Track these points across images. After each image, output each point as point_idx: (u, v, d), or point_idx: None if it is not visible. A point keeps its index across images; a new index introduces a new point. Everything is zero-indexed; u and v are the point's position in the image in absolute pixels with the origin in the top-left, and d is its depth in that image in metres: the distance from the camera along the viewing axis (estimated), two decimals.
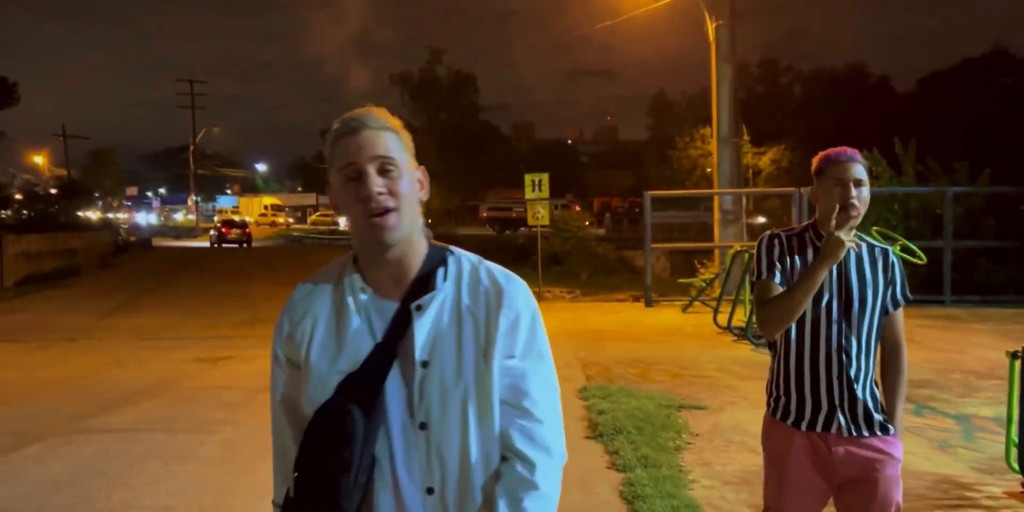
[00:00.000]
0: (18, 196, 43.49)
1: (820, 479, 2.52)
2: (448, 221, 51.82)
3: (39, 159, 62.80)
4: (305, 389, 1.60)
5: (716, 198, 15.36)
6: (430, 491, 1.55)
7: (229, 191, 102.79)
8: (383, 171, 1.56)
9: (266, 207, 72.64)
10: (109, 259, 33.28)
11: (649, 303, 14.40)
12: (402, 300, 1.59)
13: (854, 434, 2.50)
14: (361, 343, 1.57)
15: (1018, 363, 4.26)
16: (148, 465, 5.64)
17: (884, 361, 2.62)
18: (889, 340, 2.62)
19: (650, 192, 15.02)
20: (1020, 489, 4.47)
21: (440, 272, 1.62)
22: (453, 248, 1.69)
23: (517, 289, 1.64)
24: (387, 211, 1.54)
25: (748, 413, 6.34)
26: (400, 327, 1.57)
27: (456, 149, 56.09)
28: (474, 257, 1.69)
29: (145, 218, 69.96)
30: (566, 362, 8.69)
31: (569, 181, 66.99)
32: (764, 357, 2.66)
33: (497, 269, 1.67)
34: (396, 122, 1.63)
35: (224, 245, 40.22)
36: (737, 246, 12.89)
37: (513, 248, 27.88)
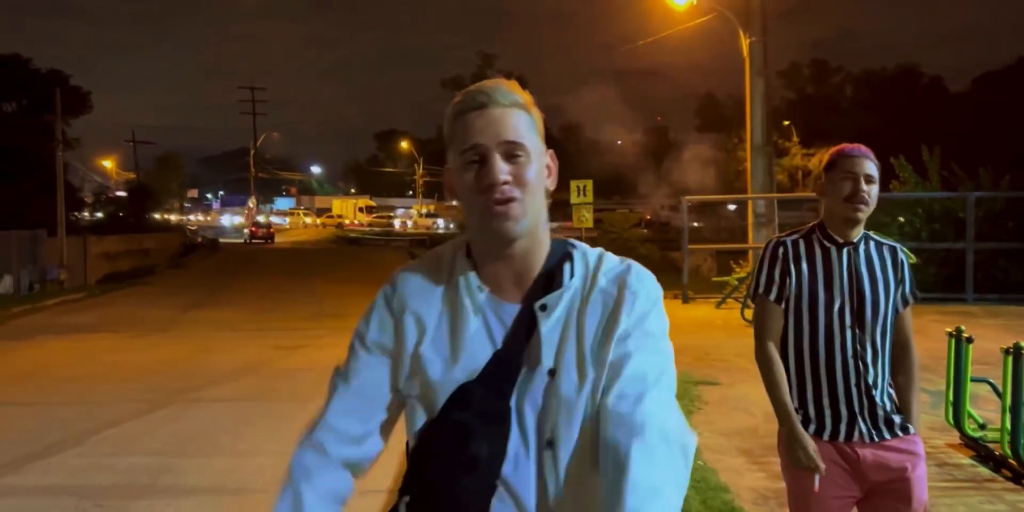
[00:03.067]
0: (88, 199, 45.92)
1: (852, 483, 2.50)
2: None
3: (107, 163, 65.34)
4: (412, 395, 1.43)
5: (750, 203, 16.41)
6: None
7: (285, 193, 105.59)
8: (510, 157, 1.37)
9: (361, 209, 73.79)
10: (178, 259, 35.14)
11: (686, 300, 15.46)
12: (524, 300, 1.41)
13: (876, 440, 2.49)
14: (479, 349, 1.39)
15: (954, 342, 5.35)
16: (260, 424, 6.96)
17: (895, 360, 2.59)
18: (899, 339, 2.59)
19: (687, 197, 16.22)
20: (959, 442, 5.56)
21: (567, 268, 1.44)
22: (574, 241, 1.51)
23: (642, 283, 1.44)
24: (510, 201, 1.35)
25: (755, 389, 7.44)
26: (523, 331, 1.39)
27: None
28: (596, 250, 1.51)
29: (230, 220, 72.97)
30: None
31: (618, 183, 67.72)
32: None
33: (617, 261, 1.48)
34: (528, 98, 1.43)
35: (254, 241, 50.79)
36: None
37: None
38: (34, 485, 5.41)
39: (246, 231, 55.15)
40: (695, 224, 49.97)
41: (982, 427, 5.41)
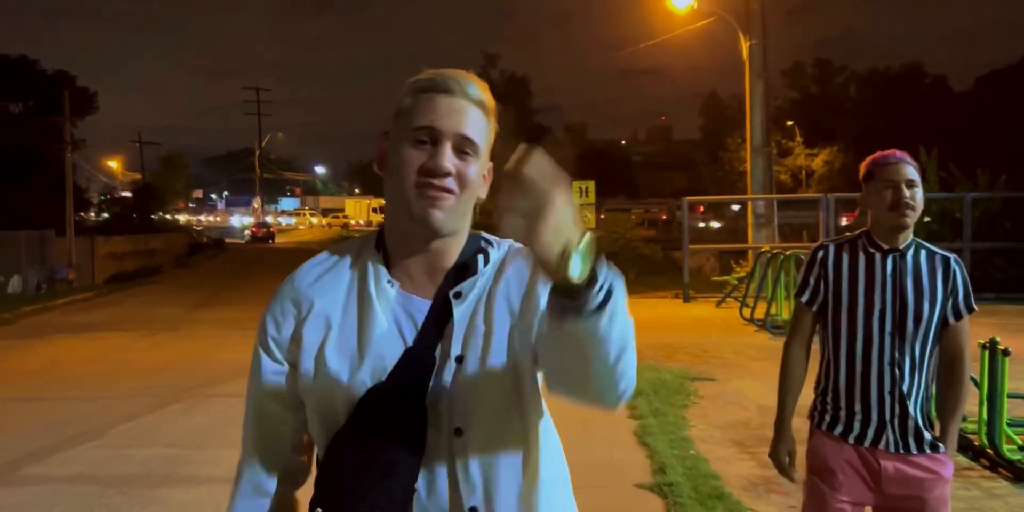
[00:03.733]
0: (94, 199, 46.26)
1: (867, 491, 2.47)
2: None
3: (112, 163, 65.64)
4: (313, 400, 1.36)
5: (749, 203, 16.67)
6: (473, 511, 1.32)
7: (289, 193, 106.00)
8: (460, 152, 1.33)
9: (375, 209, 72.02)
10: (184, 259, 35.41)
11: (687, 299, 15.70)
12: (437, 294, 1.37)
13: (902, 451, 2.44)
14: (388, 348, 1.33)
15: None
16: None
17: (942, 374, 2.53)
18: (948, 352, 2.51)
19: (687, 198, 16.46)
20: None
21: (480, 258, 1.40)
22: (488, 236, 1.47)
23: None
24: (447, 192, 1.31)
25: (750, 384, 7.72)
26: (436, 327, 1.34)
27: (508, 151, 57.78)
28: (509, 241, 1.46)
29: (240, 220, 73.85)
30: None
31: (621, 183, 67.95)
32: (778, 344, 2.83)
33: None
34: (493, 103, 1.39)
35: (256, 241, 53.91)
36: (766, 248, 14.12)
37: None
38: (58, 474, 5.67)
39: (246, 232, 58.36)
40: (716, 224, 50.33)
41: (963, 419, 5.63)
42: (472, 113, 1.34)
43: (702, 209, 56.02)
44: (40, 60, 39.10)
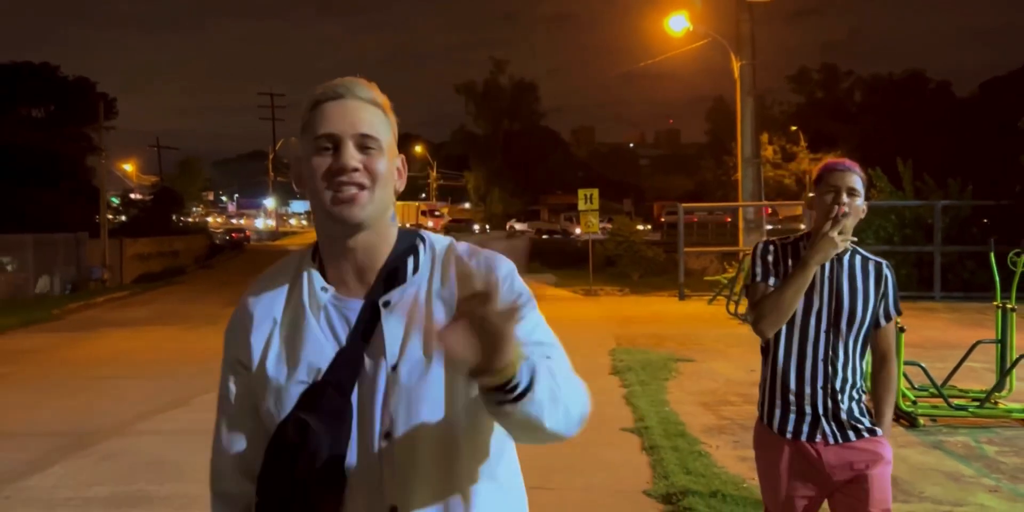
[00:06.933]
0: (113, 202, 47.65)
1: (812, 486, 2.57)
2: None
3: (128, 167, 67.06)
4: (264, 403, 1.41)
5: (740, 209, 18.11)
6: (393, 510, 1.36)
7: (300, 196, 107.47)
8: (363, 148, 1.38)
9: (423, 212, 60.62)
10: (205, 260, 36.84)
11: (682, 297, 17.10)
12: (366, 296, 1.41)
13: (840, 441, 2.55)
14: (322, 349, 1.38)
15: None
16: None
17: (874, 372, 2.67)
18: (879, 352, 2.66)
19: (683, 205, 17.95)
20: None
21: (409, 262, 1.44)
22: (424, 233, 1.50)
23: (493, 264, 1.44)
24: (358, 187, 1.36)
25: (724, 364, 9.17)
26: (366, 327, 1.39)
27: (518, 155, 59.02)
28: (445, 240, 1.50)
29: (264, 222, 76.09)
30: (603, 336, 11.60)
31: (628, 186, 69.03)
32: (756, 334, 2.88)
33: (467, 248, 1.47)
34: (385, 100, 1.45)
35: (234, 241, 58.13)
36: None
37: (572, 250, 30.53)
38: (166, 429, 7.12)
39: (227, 237, 63.81)
40: (769, 227, 51.20)
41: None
42: (366, 111, 1.40)
43: (729, 218, 56.89)
44: (60, 66, 40.38)
